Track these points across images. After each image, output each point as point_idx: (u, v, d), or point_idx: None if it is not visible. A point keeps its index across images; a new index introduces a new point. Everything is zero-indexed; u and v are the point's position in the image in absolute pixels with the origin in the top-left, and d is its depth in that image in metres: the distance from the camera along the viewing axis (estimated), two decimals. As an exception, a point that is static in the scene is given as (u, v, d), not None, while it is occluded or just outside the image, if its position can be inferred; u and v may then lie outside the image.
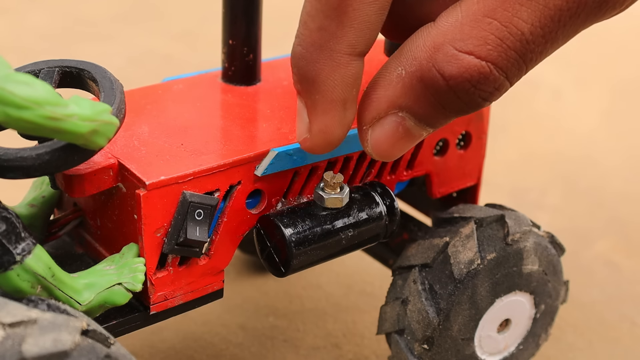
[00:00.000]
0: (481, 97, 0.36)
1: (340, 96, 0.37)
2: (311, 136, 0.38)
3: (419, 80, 0.36)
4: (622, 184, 0.77)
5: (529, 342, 0.50)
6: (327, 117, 0.37)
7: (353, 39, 0.36)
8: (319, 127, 0.37)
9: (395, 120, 0.37)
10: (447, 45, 0.35)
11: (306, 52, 0.36)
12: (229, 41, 0.47)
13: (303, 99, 0.38)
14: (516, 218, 0.47)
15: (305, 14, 0.36)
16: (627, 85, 0.97)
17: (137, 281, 0.39)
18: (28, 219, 0.42)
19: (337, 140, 0.38)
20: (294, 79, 0.38)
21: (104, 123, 0.34)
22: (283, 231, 0.41)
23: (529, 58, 0.35)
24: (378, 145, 0.38)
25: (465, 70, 0.35)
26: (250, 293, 0.60)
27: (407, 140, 0.38)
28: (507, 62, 0.35)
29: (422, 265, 0.46)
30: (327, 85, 0.36)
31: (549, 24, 0.34)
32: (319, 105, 0.37)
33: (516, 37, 0.34)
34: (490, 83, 0.35)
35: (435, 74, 0.35)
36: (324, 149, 0.39)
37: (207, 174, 0.40)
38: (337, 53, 0.36)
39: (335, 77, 0.36)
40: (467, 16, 0.35)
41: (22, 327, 0.31)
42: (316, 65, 0.36)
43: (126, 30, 1.01)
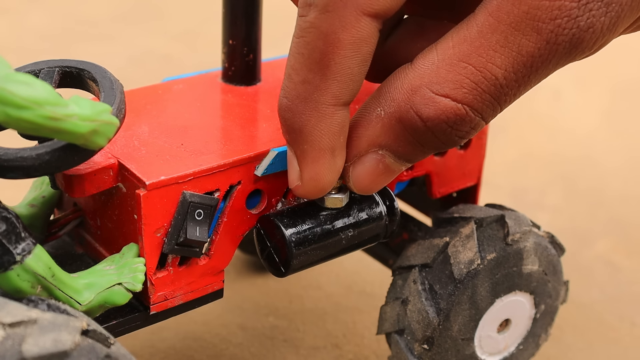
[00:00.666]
0: (458, 135, 0.37)
1: (328, 145, 0.38)
2: (303, 184, 0.39)
3: (397, 121, 0.37)
4: (622, 184, 0.77)
5: (529, 342, 0.50)
6: (317, 165, 0.38)
7: (337, 90, 0.36)
8: (310, 175, 0.39)
9: (375, 157, 0.39)
10: (424, 88, 0.36)
11: (292, 104, 0.37)
12: (229, 41, 0.47)
13: (293, 149, 0.39)
14: (516, 218, 0.47)
15: (289, 67, 0.37)
16: (627, 85, 0.97)
17: (137, 281, 0.39)
18: (28, 219, 0.42)
19: (329, 185, 0.39)
20: (282, 130, 0.39)
21: (104, 123, 0.34)
22: (283, 231, 0.41)
23: (503, 100, 0.36)
24: (359, 181, 0.39)
25: (442, 113, 0.36)
26: (250, 293, 0.60)
27: (387, 175, 0.39)
28: (482, 105, 0.36)
29: (422, 265, 0.46)
30: (314, 136, 0.37)
31: (521, 69, 0.35)
32: (308, 155, 0.38)
33: (490, 82, 0.35)
34: (466, 123, 0.36)
35: (413, 115, 0.36)
36: (316, 195, 0.40)
37: (207, 174, 0.40)
38: (322, 104, 0.37)
39: (322, 127, 0.37)
40: (443, 60, 0.36)
41: (22, 327, 0.31)
42: (302, 117, 0.37)
43: (126, 30, 1.01)
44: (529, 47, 0.35)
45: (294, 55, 0.37)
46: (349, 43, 0.35)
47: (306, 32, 0.36)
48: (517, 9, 0.34)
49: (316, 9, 0.35)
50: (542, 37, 0.34)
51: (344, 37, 0.35)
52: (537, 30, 0.34)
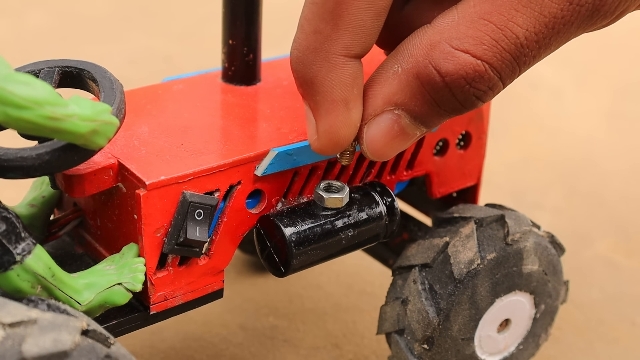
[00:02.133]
0: (475, 95, 0.36)
1: (340, 96, 0.37)
2: (319, 137, 0.39)
3: (415, 77, 0.36)
4: (622, 184, 0.77)
5: (529, 342, 0.50)
6: (331, 117, 0.38)
7: (348, 41, 0.36)
8: (325, 128, 0.38)
9: (391, 117, 0.38)
10: (444, 43, 0.36)
11: (303, 55, 0.37)
12: (229, 41, 0.47)
13: (307, 102, 0.38)
14: (516, 218, 0.47)
15: (302, 18, 0.37)
16: (627, 85, 0.97)
17: (137, 281, 0.39)
18: (28, 219, 0.42)
19: (344, 140, 0.39)
20: (296, 83, 0.38)
21: (104, 123, 0.34)
22: (283, 231, 0.41)
23: (523, 61, 0.36)
24: (373, 144, 0.39)
25: (460, 68, 0.35)
26: (250, 293, 0.60)
27: (402, 139, 0.39)
28: (502, 63, 0.36)
29: (422, 265, 0.46)
30: (326, 87, 0.37)
31: (543, 30, 0.35)
32: (322, 106, 0.38)
33: (511, 40, 0.35)
34: (484, 82, 0.36)
35: (431, 70, 0.36)
36: (332, 150, 0.39)
37: (207, 174, 0.40)
38: (332, 54, 0.37)
39: (333, 78, 0.37)
40: (463, 17, 0.36)
41: (22, 327, 0.31)
42: (313, 68, 0.37)
43: (126, 30, 1.01)
44: (552, 7, 0.35)
45: (308, 6, 0.36)
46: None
47: None
48: None
49: None
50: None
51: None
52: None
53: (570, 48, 1.06)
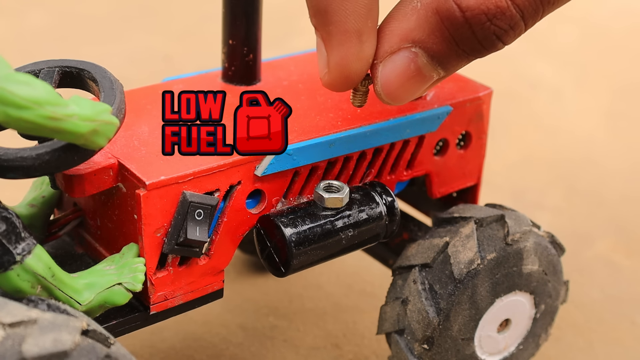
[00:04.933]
0: (496, 33, 0.35)
1: (354, 26, 0.36)
2: (329, 70, 0.37)
3: (434, 12, 0.35)
4: (622, 184, 0.77)
5: (529, 342, 0.50)
6: (343, 48, 0.36)
7: None
8: (336, 60, 0.37)
9: (408, 55, 0.36)
10: None
11: None
12: (229, 41, 0.47)
13: (319, 32, 0.37)
14: (516, 218, 0.47)
15: None
16: (627, 85, 0.97)
17: (137, 281, 0.39)
18: (28, 219, 0.42)
19: (356, 75, 0.37)
20: (310, 13, 0.37)
21: (104, 123, 0.34)
22: (283, 231, 0.41)
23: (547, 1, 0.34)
24: (388, 84, 0.37)
25: (482, 3, 0.34)
26: (250, 293, 0.60)
27: (418, 80, 0.37)
28: (525, 1, 0.34)
29: (422, 265, 0.46)
30: (339, 15, 0.36)
31: None
32: (334, 37, 0.36)
33: None
34: (506, 19, 0.34)
35: (452, 4, 0.35)
36: (343, 85, 0.38)
37: (207, 174, 0.40)
38: None
39: (347, 6, 0.36)
40: None
41: (22, 327, 0.31)
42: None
43: (126, 30, 1.01)
44: None
45: None
46: None
47: None
48: None
49: None
50: None
51: None
52: None
53: (571, 48, 1.07)
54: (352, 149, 0.44)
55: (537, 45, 1.00)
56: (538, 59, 0.98)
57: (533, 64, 0.97)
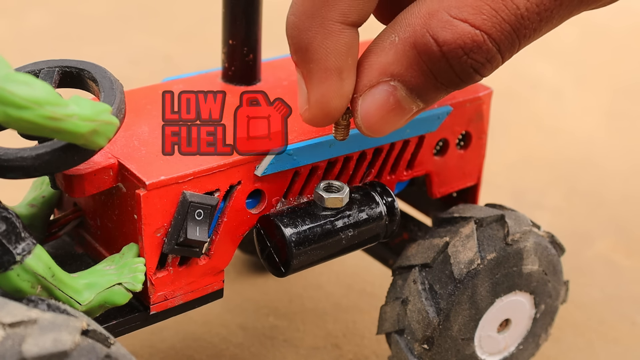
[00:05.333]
0: (473, 67, 0.35)
1: (334, 64, 0.36)
2: (310, 107, 0.38)
3: (412, 47, 0.35)
4: (622, 184, 0.77)
5: (529, 342, 0.50)
6: (324, 86, 0.37)
7: (345, 8, 0.36)
8: (316, 97, 0.37)
9: (387, 89, 0.37)
10: (442, 12, 0.35)
11: (299, 20, 0.36)
12: (229, 41, 0.47)
13: (300, 69, 0.37)
14: (516, 218, 0.47)
15: None
16: (627, 85, 0.97)
17: (137, 281, 0.39)
18: (28, 219, 0.42)
19: (336, 111, 0.38)
20: (290, 50, 0.37)
21: (104, 123, 0.34)
22: (283, 231, 0.41)
23: (523, 34, 0.35)
24: (368, 117, 0.37)
25: (459, 37, 0.34)
26: (250, 293, 0.60)
27: (398, 113, 0.37)
28: (501, 34, 0.35)
29: (422, 265, 0.46)
30: (320, 54, 0.36)
31: (545, 1, 0.34)
32: (315, 75, 0.37)
33: (511, 11, 0.34)
34: (482, 53, 0.35)
35: (429, 39, 0.35)
36: (323, 121, 0.38)
37: (207, 174, 0.40)
38: (329, 21, 0.36)
39: (328, 45, 0.36)
40: None
41: (22, 327, 0.31)
42: (308, 34, 0.36)
43: (126, 30, 1.01)
44: None
45: None
46: None
47: None
48: None
49: None
50: None
51: None
52: None
53: (571, 48, 1.06)
54: (352, 149, 0.44)
55: (537, 45, 1.00)
56: (538, 59, 0.98)
57: (533, 64, 0.97)
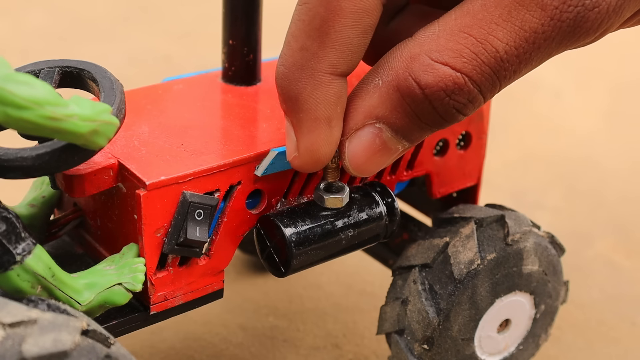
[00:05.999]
0: (455, 107, 0.36)
1: (324, 114, 0.37)
2: (299, 155, 0.39)
3: (395, 90, 0.36)
4: (622, 184, 0.77)
5: (529, 342, 0.50)
6: (313, 135, 0.38)
7: (334, 59, 0.36)
8: (306, 146, 0.38)
9: (372, 131, 0.38)
10: (423, 55, 0.36)
11: (288, 71, 0.37)
12: (229, 41, 0.47)
13: (289, 118, 0.38)
14: (516, 218, 0.47)
15: (289, 34, 0.37)
16: (627, 85, 0.97)
17: (137, 281, 0.39)
18: (28, 219, 0.42)
19: (325, 157, 0.39)
20: (280, 99, 0.38)
21: (104, 123, 0.34)
22: (283, 231, 0.41)
23: (503, 76, 0.36)
24: (355, 158, 0.39)
25: (440, 80, 0.35)
26: (250, 293, 0.60)
27: (384, 154, 0.38)
28: (481, 77, 0.35)
29: (422, 265, 0.46)
30: (310, 104, 0.37)
31: (523, 44, 0.35)
32: (304, 124, 0.38)
33: (491, 54, 0.35)
34: (464, 94, 0.36)
35: (411, 82, 0.36)
36: (313, 167, 0.39)
37: (207, 174, 0.40)
38: (318, 72, 0.36)
39: (317, 95, 0.37)
40: (443, 30, 0.36)
41: (22, 327, 0.31)
42: (298, 84, 0.37)
43: (126, 30, 1.01)
44: (532, 22, 0.34)
45: (295, 22, 0.36)
46: (350, 12, 0.35)
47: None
48: None
49: None
50: (546, 14, 0.34)
51: (345, 6, 0.35)
52: (541, 6, 0.34)
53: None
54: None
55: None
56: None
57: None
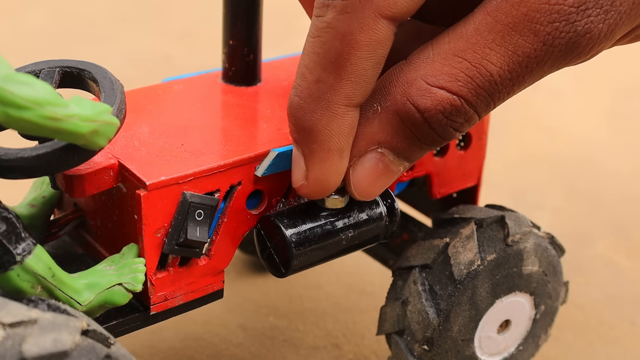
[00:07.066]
0: (453, 127, 0.37)
1: (337, 145, 0.38)
2: (308, 184, 0.39)
3: (394, 115, 0.37)
4: (622, 184, 0.77)
5: (529, 343, 0.50)
6: (324, 165, 0.38)
7: (350, 91, 0.37)
8: (316, 176, 0.39)
9: (375, 157, 0.38)
10: (420, 80, 0.36)
11: (304, 102, 0.37)
12: (230, 41, 0.47)
13: (300, 148, 0.39)
14: (516, 219, 0.47)
15: (303, 66, 0.37)
16: (627, 85, 0.97)
17: (137, 281, 0.39)
18: (28, 219, 0.42)
19: (333, 186, 0.39)
20: (291, 129, 0.38)
21: (105, 123, 0.34)
22: (283, 231, 0.41)
23: (497, 97, 0.37)
24: (359, 185, 0.39)
25: (438, 103, 0.36)
26: (250, 293, 0.60)
27: (387, 176, 0.39)
28: (477, 99, 0.36)
29: (422, 266, 0.46)
30: (324, 135, 0.37)
31: (516, 68, 0.36)
32: (316, 155, 0.38)
33: (485, 78, 0.36)
34: (461, 115, 0.37)
35: (410, 107, 0.36)
36: (320, 195, 0.40)
37: (207, 175, 0.40)
38: (334, 104, 0.37)
39: (332, 127, 0.37)
40: (438, 54, 0.36)
41: (22, 327, 0.31)
42: (313, 116, 0.37)
43: (126, 30, 1.01)
44: (525, 47, 0.35)
45: (309, 55, 0.37)
46: (365, 44, 0.35)
47: (323, 32, 0.36)
48: (515, 10, 0.35)
49: (334, 10, 0.35)
50: (538, 39, 0.35)
51: (361, 39, 0.35)
52: (534, 32, 0.35)
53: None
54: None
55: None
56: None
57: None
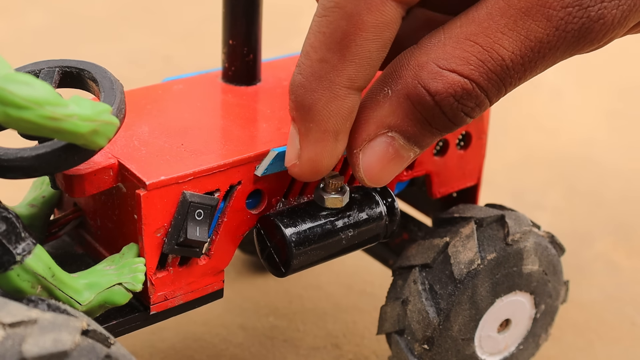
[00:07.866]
0: (464, 111, 0.37)
1: (334, 127, 0.37)
2: (300, 163, 0.39)
3: (405, 98, 0.37)
4: (622, 184, 0.77)
5: (529, 342, 0.50)
6: (319, 146, 0.38)
7: (353, 73, 0.36)
8: (309, 156, 0.38)
9: (385, 140, 0.38)
10: (431, 63, 0.36)
11: (306, 81, 0.37)
12: (229, 41, 0.47)
13: (297, 126, 0.38)
14: (516, 218, 0.47)
15: (308, 45, 0.37)
16: (627, 85, 0.97)
17: (137, 281, 0.39)
18: (28, 219, 0.42)
19: (325, 170, 0.39)
20: (290, 106, 0.38)
21: (104, 123, 0.34)
22: (283, 231, 0.41)
23: (508, 82, 0.36)
24: (369, 169, 0.39)
25: (449, 86, 0.36)
26: (250, 293, 0.60)
27: (397, 162, 0.39)
28: (488, 83, 0.36)
29: (422, 265, 0.46)
30: (323, 115, 0.37)
31: (528, 53, 0.35)
32: (312, 134, 0.38)
33: (497, 62, 0.35)
34: (472, 99, 0.36)
35: (421, 90, 0.36)
36: (311, 177, 0.39)
37: (207, 174, 0.40)
38: (336, 85, 0.37)
39: (331, 108, 0.37)
40: (449, 37, 0.36)
41: (22, 327, 0.31)
42: (314, 95, 0.37)
43: (126, 30, 1.01)
44: (538, 32, 0.35)
45: (315, 34, 0.36)
46: (372, 26, 0.35)
47: (330, 11, 0.36)
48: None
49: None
50: (551, 24, 0.35)
51: (367, 19, 0.35)
52: (547, 17, 0.35)
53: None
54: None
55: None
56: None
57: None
